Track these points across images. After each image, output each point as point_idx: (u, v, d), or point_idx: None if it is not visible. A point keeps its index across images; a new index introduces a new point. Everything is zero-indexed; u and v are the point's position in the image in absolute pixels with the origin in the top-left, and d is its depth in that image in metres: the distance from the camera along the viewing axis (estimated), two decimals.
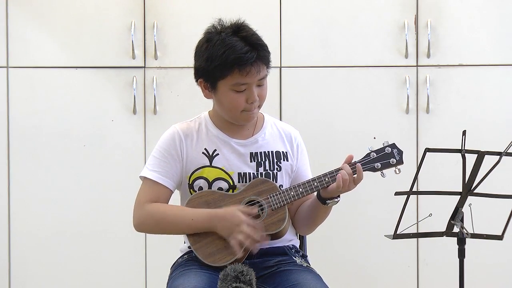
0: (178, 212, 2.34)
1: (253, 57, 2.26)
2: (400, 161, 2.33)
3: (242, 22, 2.34)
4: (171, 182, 2.38)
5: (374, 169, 2.32)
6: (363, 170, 2.30)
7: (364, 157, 2.33)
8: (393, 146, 2.34)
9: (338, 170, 2.29)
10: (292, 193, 2.32)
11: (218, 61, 2.27)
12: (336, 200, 2.33)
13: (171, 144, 2.39)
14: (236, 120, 2.38)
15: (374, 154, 2.33)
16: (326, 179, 2.30)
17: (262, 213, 2.31)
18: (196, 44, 2.37)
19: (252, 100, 2.31)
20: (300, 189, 2.32)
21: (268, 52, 2.33)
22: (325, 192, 2.32)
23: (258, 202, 2.32)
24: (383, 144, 2.34)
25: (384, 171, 2.33)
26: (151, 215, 2.35)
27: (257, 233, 2.26)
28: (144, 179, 2.40)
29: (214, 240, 2.31)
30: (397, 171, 2.33)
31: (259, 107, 2.37)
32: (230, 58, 2.25)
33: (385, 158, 2.32)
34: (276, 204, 2.31)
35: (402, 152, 2.34)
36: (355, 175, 2.28)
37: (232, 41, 2.27)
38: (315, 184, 2.31)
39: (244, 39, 2.28)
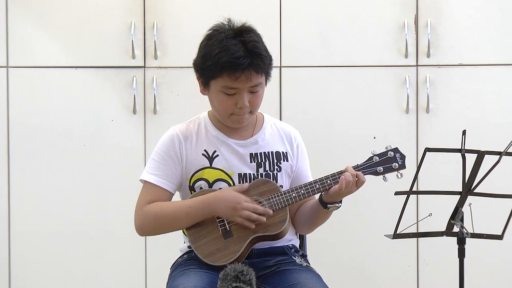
0: (175, 204, 2.34)
1: (245, 63, 2.22)
2: (402, 166, 2.32)
3: (248, 26, 2.31)
4: (171, 185, 2.37)
5: (376, 173, 2.32)
6: (365, 174, 2.30)
7: (367, 160, 2.33)
8: (395, 150, 2.33)
9: (340, 172, 2.29)
10: (293, 194, 2.31)
11: (211, 60, 2.25)
12: (337, 205, 2.33)
13: (170, 146, 2.38)
14: (226, 122, 2.37)
15: (377, 158, 2.32)
16: (328, 181, 2.30)
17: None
18: (202, 39, 2.35)
19: (240, 105, 2.29)
20: (302, 191, 2.31)
21: (264, 62, 2.27)
22: (327, 195, 2.31)
23: (260, 202, 2.31)
24: (386, 148, 2.34)
25: (386, 175, 2.33)
26: (149, 214, 2.34)
27: (259, 206, 2.26)
28: (144, 182, 2.39)
29: (214, 239, 2.31)
30: (399, 176, 2.33)
31: (251, 113, 2.34)
32: (221, 60, 2.23)
33: (387, 162, 2.32)
34: (278, 205, 2.30)
35: (404, 156, 2.33)
36: (358, 178, 2.28)
37: (229, 43, 2.24)
38: (317, 186, 2.30)
39: (242, 43, 2.24)
